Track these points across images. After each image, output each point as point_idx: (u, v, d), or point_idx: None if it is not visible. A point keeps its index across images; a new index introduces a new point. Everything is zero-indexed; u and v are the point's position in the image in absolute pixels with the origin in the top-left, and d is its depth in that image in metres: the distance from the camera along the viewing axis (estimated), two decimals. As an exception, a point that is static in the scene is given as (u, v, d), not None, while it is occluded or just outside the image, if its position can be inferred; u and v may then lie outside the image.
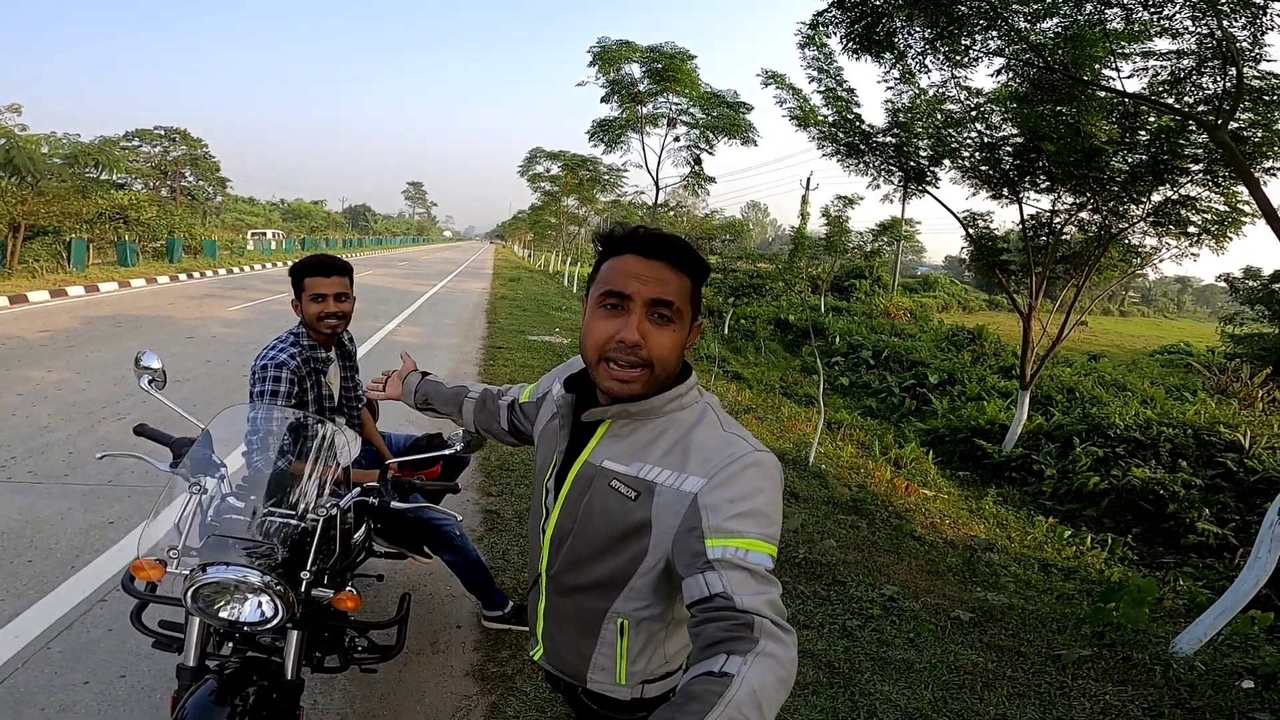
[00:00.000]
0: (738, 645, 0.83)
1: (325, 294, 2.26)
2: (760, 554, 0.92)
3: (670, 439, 1.04)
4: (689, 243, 1.10)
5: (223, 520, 1.52)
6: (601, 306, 1.04)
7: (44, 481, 3.91)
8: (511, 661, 2.52)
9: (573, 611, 1.14)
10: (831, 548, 3.86)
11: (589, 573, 1.10)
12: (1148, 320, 50.88)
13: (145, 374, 1.88)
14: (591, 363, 1.05)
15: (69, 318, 9.83)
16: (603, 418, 1.08)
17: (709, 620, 0.87)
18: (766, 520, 0.95)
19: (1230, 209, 6.73)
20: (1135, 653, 3.10)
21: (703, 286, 1.11)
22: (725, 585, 0.88)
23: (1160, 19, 3.98)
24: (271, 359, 2.19)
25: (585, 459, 1.10)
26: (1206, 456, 8.02)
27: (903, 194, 9.00)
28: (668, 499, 1.00)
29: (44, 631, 2.53)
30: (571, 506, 1.10)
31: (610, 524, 1.05)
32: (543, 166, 24.80)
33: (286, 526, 1.53)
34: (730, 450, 1.00)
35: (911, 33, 4.73)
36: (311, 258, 2.31)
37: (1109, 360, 17.17)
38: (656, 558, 1.03)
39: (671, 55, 12.76)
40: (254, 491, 1.61)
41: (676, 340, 1.04)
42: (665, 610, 1.10)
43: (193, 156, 47.36)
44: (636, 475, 1.03)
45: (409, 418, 4.94)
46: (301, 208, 68.92)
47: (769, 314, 19.55)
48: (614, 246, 1.07)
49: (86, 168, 33.94)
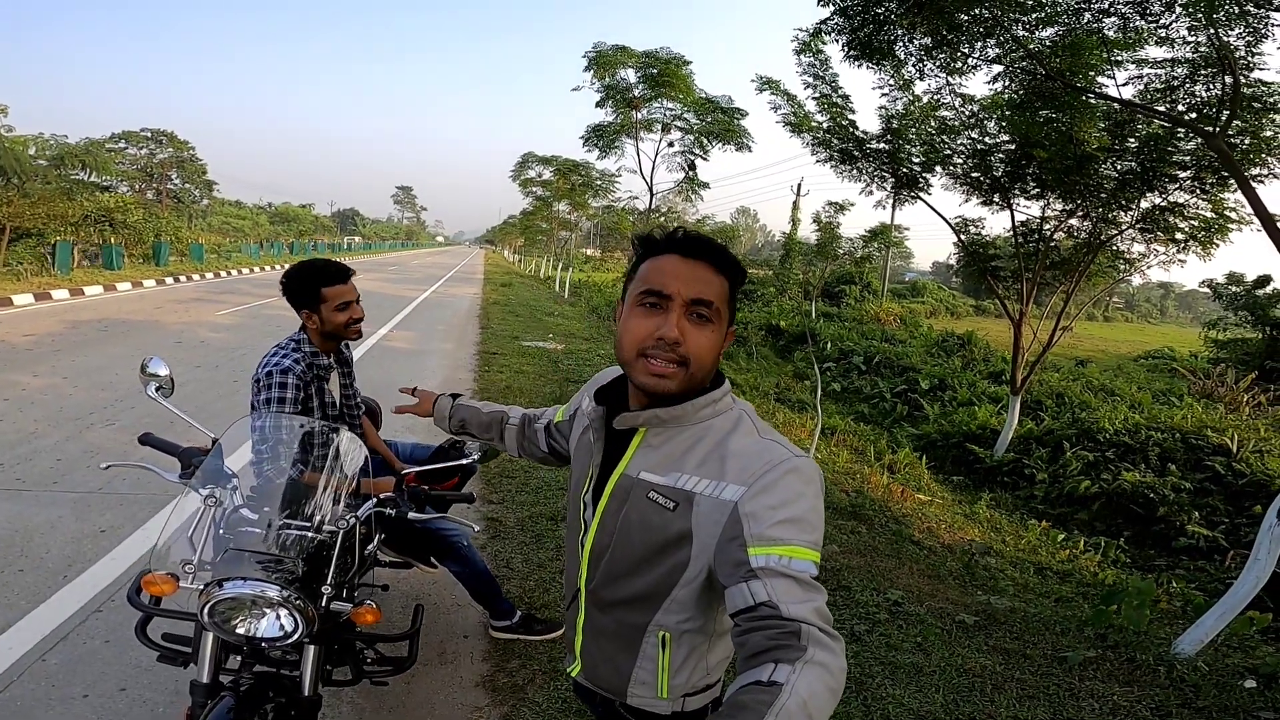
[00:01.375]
0: (786, 654, 0.81)
1: (350, 300, 2.25)
2: (804, 561, 0.90)
3: (706, 447, 1.03)
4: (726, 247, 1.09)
5: (237, 533, 1.49)
6: (640, 305, 1.03)
7: (32, 489, 3.83)
8: (521, 672, 2.49)
9: (613, 626, 1.12)
10: (835, 553, 3.87)
11: (629, 586, 1.08)
12: (1131, 325, 51.57)
13: (152, 381, 1.83)
14: (629, 360, 1.04)
15: (54, 322, 9.68)
16: (635, 424, 1.07)
17: (755, 629, 0.86)
18: (809, 526, 0.93)
19: (1217, 215, 6.85)
20: (1138, 654, 3.13)
21: (738, 291, 1.10)
22: (770, 594, 0.87)
23: (1157, 28, 4.04)
24: (276, 365, 2.14)
25: (622, 471, 1.08)
26: (1195, 460, 8.11)
27: (895, 200, 9.08)
28: (707, 508, 0.99)
29: (39, 643, 2.47)
30: (610, 520, 1.09)
31: (650, 536, 1.04)
32: (534, 171, 24.81)
33: (303, 539, 1.50)
34: (769, 456, 0.98)
35: (911, 40, 4.77)
36: (318, 263, 2.25)
37: (1095, 365, 17.37)
38: (698, 568, 1.01)
39: (667, 61, 12.81)
40: (267, 503, 1.57)
41: (714, 341, 1.03)
42: (707, 622, 1.09)
43: (179, 159, 46.98)
44: (674, 485, 1.02)
45: (405, 424, 4.90)
46: (289, 211, 68.32)
47: (760, 320, 19.62)
48: (653, 248, 1.07)
49: (73, 170, 33.49)
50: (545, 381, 7.85)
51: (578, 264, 42.04)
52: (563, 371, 8.64)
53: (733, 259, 1.06)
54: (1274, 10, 3.51)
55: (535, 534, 3.63)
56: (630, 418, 1.07)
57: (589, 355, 10.11)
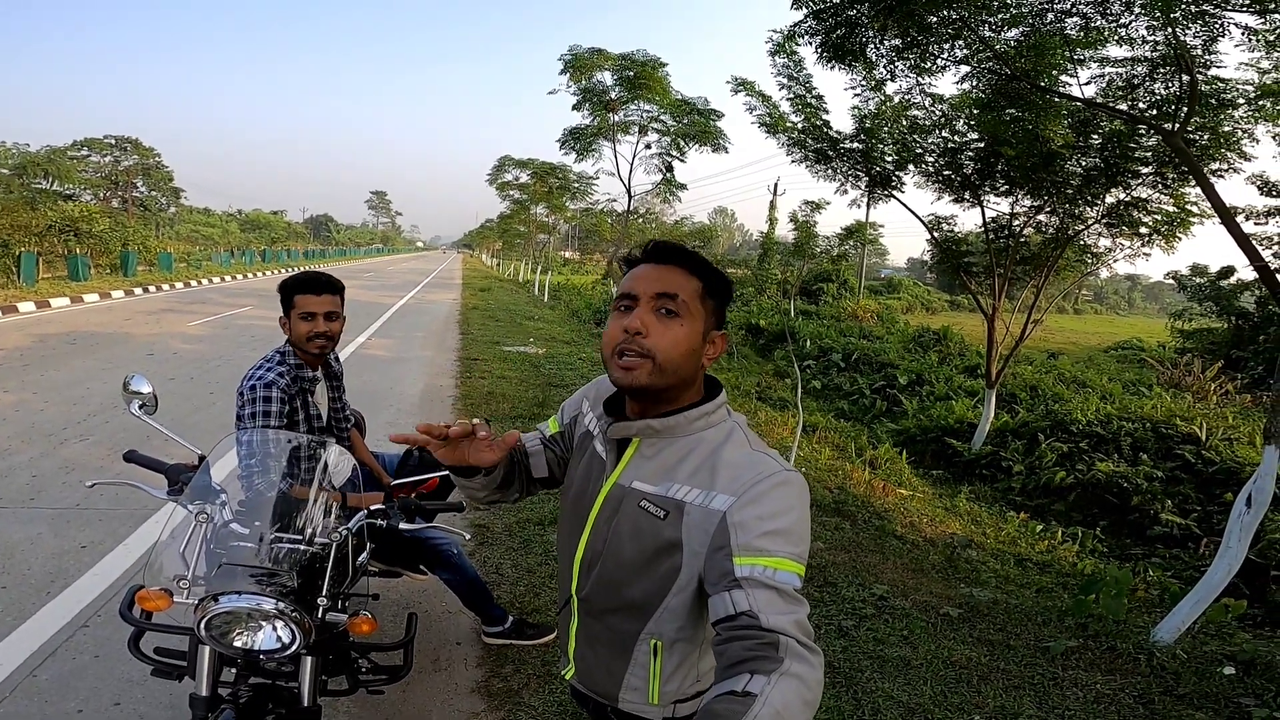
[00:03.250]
0: (762, 665, 0.82)
1: (315, 313, 2.17)
2: (788, 573, 0.92)
3: (698, 458, 1.04)
4: (707, 258, 1.12)
5: (229, 548, 1.48)
6: (615, 310, 1.08)
7: (9, 506, 3.76)
8: (516, 676, 2.50)
9: (605, 633, 1.14)
10: (820, 549, 3.92)
11: (621, 594, 1.09)
12: (1100, 317, 52.76)
13: (135, 399, 1.81)
14: (607, 360, 1.07)
15: (21, 335, 9.44)
16: (628, 434, 1.09)
17: (734, 639, 0.87)
18: (795, 539, 0.95)
19: (1179, 210, 7.05)
20: (1119, 642, 3.20)
21: (726, 302, 1.12)
22: (751, 603, 0.88)
23: (1117, 27, 4.16)
24: (260, 379, 2.11)
25: (614, 480, 1.10)
26: (1166, 449, 8.32)
27: (869, 198, 9.20)
28: (697, 517, 1.00)
29: (28, 659, 2.45)
30: (602, 528, 1.10)
31: (641, 544, 1.05)
32: (511, 175, 24.74)
33: (296, 552, 1.49)
34: (759, 469, 1.00)
35: (882, 42, 4.86)
36: (302, 274, 2.23)
37: (1067, 358, 17.75)
38: (689, 576, 1.03)
39: (643, 63, 12.86)
40: (257, 516, 1.57)
41: (680, 335, 1.03)
42: (698, 631, 1.10)
43: (145, 166, 46.09)
44: (665, 494, 1.03)
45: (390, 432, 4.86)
46: (260, 218, 67.24)
47: (739, 319, 19.74)
48: (633, 263, 1.11)
49: (35, 178, 32.64)
50: (527, 387, 7.83)
51: (556, 267, 41.91)
52: (545, 376, 8.63)
53: (703, 261, 1.08)
54: (1229, 10, 3.65)
55: (523, 539, 3.63)
56: (623, 428, 1.08)
57: (570, 359, 10.11)
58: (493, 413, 6.41)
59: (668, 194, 15.37)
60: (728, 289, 1.11)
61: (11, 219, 15.41)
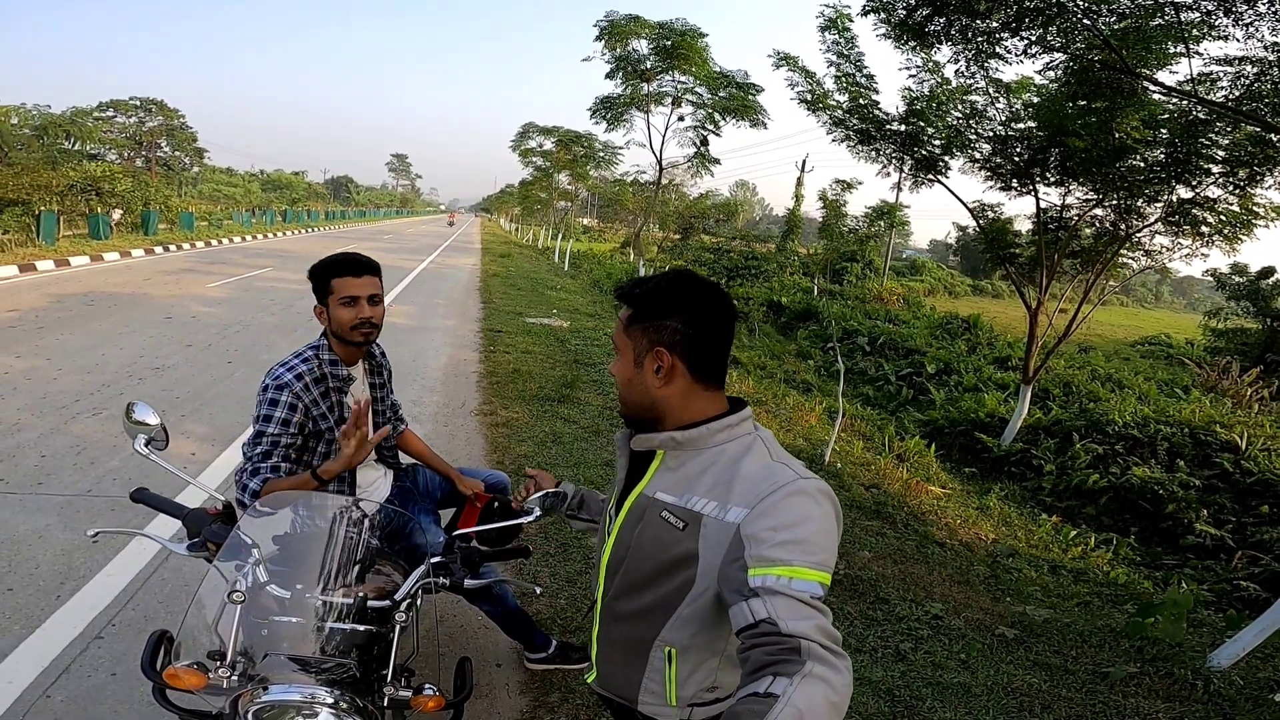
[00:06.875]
0: (784, 667, 0.82)
1: (357, 296, 1.95)
2: (806, 581, 0.91)
3: (718, 471, 1.06)
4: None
5: (271, 624, 1.31)
6: None
7: (16, 491, 3.52)
8: (564, 706, 2.34)
9: (623, 638, 1.17)
10: (867, 559, 3.77)
11: (639, 600, 1.12)
12: (1126, 310, 51.67)
13: (141, 432, 1.58)
14: None
15: (38, 295, 9.35)
16: (650, 446, 1.13)
17: (755, 645, 0.87)
18: (814, 547, 0.93)
19: (1244, 210, 6.70)
20: (1176, 668, 3.11)
21: (657, 316, 1.11)
22: (770, 611, 0.88)
23: (1239, 23, 3.82)
24: (276, 378, 1.92)
25: (640, 490, 1.14)
26: (1203, 456, 8.08)
27: (913, 182, 8.86)
28: (713, 530, 1.02)
29: (40, 676, 2.25)
30: (626, 535, 1.14)
31: (660, 553, 1.08)
32: (535, 141, 24.30)
33: (355, 634, 1.34)
34: (773, 479, 1.00)
35: (973, 25, 4.50)
36: (338, 255, 2.01)
37: (1097, 352, 17.34)
38: (704, 586, 1.04)
39: (683, 32, 12.38)
40: (298, 579, 1.38)
41: (618, 370, 1.17)
42: (715, 639, 1.10)
43: (169, 127, 46.20)
44: (685, 506, 1.06)
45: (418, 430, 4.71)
46: (281, 179, 67.00)
47: (762, 296, 19.42)
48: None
49: (57, 139, 32.65)
50: (554, 364, 7.64)
51: (576, 234, 41.52)
52: (570, 352, 8.43)
53: (630, 289, 1.15)
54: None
55: (560, 544, 3.45)
56: (646, 439, 1.13)
57: (595, 335, 9.88)
58: (520, 394, 6.24)
59: (701, 168, 14.95)
60: (653, 305, 1.12)
61: (31, 178, 15.32)
